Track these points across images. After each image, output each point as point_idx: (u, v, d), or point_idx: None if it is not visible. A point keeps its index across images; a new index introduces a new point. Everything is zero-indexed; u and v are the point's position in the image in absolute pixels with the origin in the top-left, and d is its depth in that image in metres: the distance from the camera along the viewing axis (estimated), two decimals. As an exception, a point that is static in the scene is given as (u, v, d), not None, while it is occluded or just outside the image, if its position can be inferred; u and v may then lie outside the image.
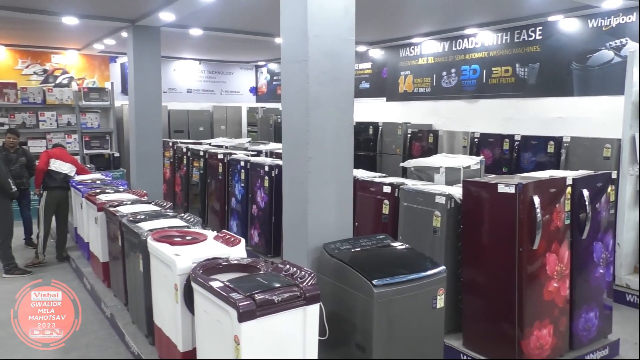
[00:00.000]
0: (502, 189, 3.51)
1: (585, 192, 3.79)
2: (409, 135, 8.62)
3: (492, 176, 4.92)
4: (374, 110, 10.64)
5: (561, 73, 7.51)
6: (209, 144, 9.19)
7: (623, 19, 6.80)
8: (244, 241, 3.36)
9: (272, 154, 7.54)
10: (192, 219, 4.12)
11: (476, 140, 7.56)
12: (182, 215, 4.33)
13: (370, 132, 9.08)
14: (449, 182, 4.82)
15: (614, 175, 4.20)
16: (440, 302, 3.09)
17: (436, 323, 3.15)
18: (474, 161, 5.21)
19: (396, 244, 3.57)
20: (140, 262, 3.77)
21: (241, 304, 2.34)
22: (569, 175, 3.88)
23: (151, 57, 7.72)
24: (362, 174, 5.15)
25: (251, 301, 2.37)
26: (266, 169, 6.07)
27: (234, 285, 2.52)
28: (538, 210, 3.44)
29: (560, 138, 6.23)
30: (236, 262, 3.04)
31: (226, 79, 14.28)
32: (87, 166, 8.30)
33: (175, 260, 3.05)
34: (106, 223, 4.94)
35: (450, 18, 8.05)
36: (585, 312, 3.92)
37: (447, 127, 8.73)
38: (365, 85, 11.14)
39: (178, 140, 9.58)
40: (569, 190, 3.74)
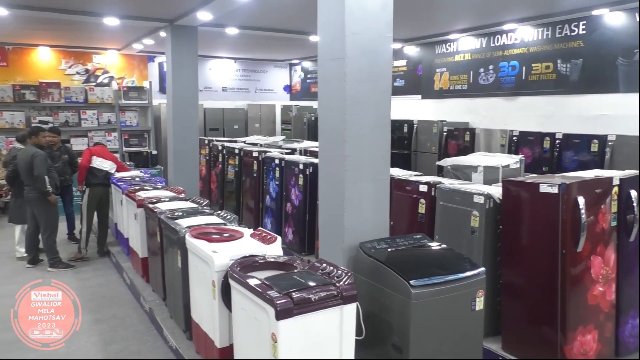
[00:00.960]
0: (544, 188, 3.41)
1: (634, 193, 3.64)
2: (444, 134, 8.50)
3: (532, 175, 4.78)
4: (408, 108, 10.52)
5: (606, 69, 7.24)
6: (244, 141, 9.29)
7: (673, 12, 6.50)
8: (280, 239, 3.37)
9: (306, 152, 7.54)
10: (229, 217, 4.16)
11: (515, 138, 7.39)
12: (218, 212, 4.38)
13: (405, 130, 8.99)
14: (487, 182, 4.70)
15: (663, 175, 4.02)
16: (480, 304, 3.02)
17: (475, 325, 3.08)
18: (513, 160, 5.07)
19: (433, 244, 3.51)
20: (178, 259, 3.84)
21: (279, 302, 2.35)
22: (616, 175, 3.73)
23: (188, 56, 7.84)
24: (396, 172, 5.08)
25: (288, 299, 2.38)
26: (300, 167, 6.08)
27: (271, 283, 2.53)
28: (583, 212, 3.32)
29: (605, 136, 6.02)
30: (273, 259, 3.05)
31: (260, 77, 14.39)
32: (126, 163, 8.52)
33: (213, 257, 3.09)
34: (145, 219, 5.04)
35: (488, 13, 7.87)
36: (632, 318, 3.77)
37: (484, 125, 8.57)
38: (399, 82, 11.02)
39: (214, 138, 9.71)
40: (615, 191, 3.60)
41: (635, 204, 3.62)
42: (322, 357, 2.54)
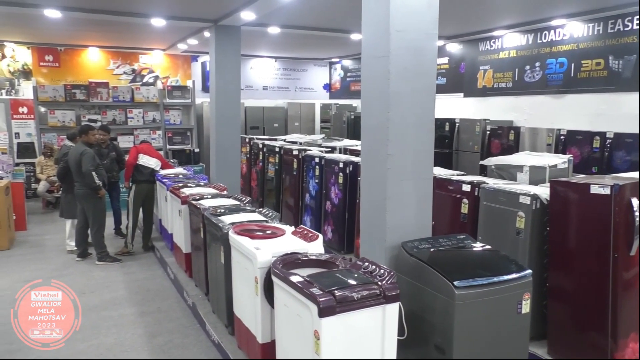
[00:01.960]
0: (595, 189, 3.29)
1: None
2: (487, 132, 8.31)
3: (582, 176, 4.61)
4: (450, 107, 10.35)
5: (661, 65, 6.91)
6: (284, 140, 9.36)
7: None
8: (321, 237, 3.38)
9: (346, 150, 7.54)
10: (271, 214, 4.20)
11: (562, 137, 7.15)
12: (260, 209, 4.44)
13: (447, 129, 8.86)
14: (533, 182, 4.57)
15: None
16: (526, 307, 2.94)
17: (521, 329, 3.00)
18: (561, 160, 4.90)
19: (477, 244, 3.44)
20: (221, 254, 3.91)
21: (322, 299, 2.36)
22: (672, 176, 3.56)
23: (232, 55, 7.96)
24: (438, 171, 5.01)
25: (331, 297, 2.38)
26: (340, 165, 6.08)
27: (314, 281, 2.54)
28: (637, 214, 3.19)
29: (660, 136, 5.75)
30: (315, 257, 3.06)
31: (300, 75, 14.47)
32: (170, 161, 8.73)
33: (256, 254, 3.13)
34: (189, 215, 5.16)
35: (535, 9, 7.64)
36: (689, 326, 3.58)
37: (529, 124, 8.33)
38: (441, 80, 10.85)
39: (254, 137, 9.83)
40: (672, 193, 3.43)
41: None
42: (364, 356, 2.53)
